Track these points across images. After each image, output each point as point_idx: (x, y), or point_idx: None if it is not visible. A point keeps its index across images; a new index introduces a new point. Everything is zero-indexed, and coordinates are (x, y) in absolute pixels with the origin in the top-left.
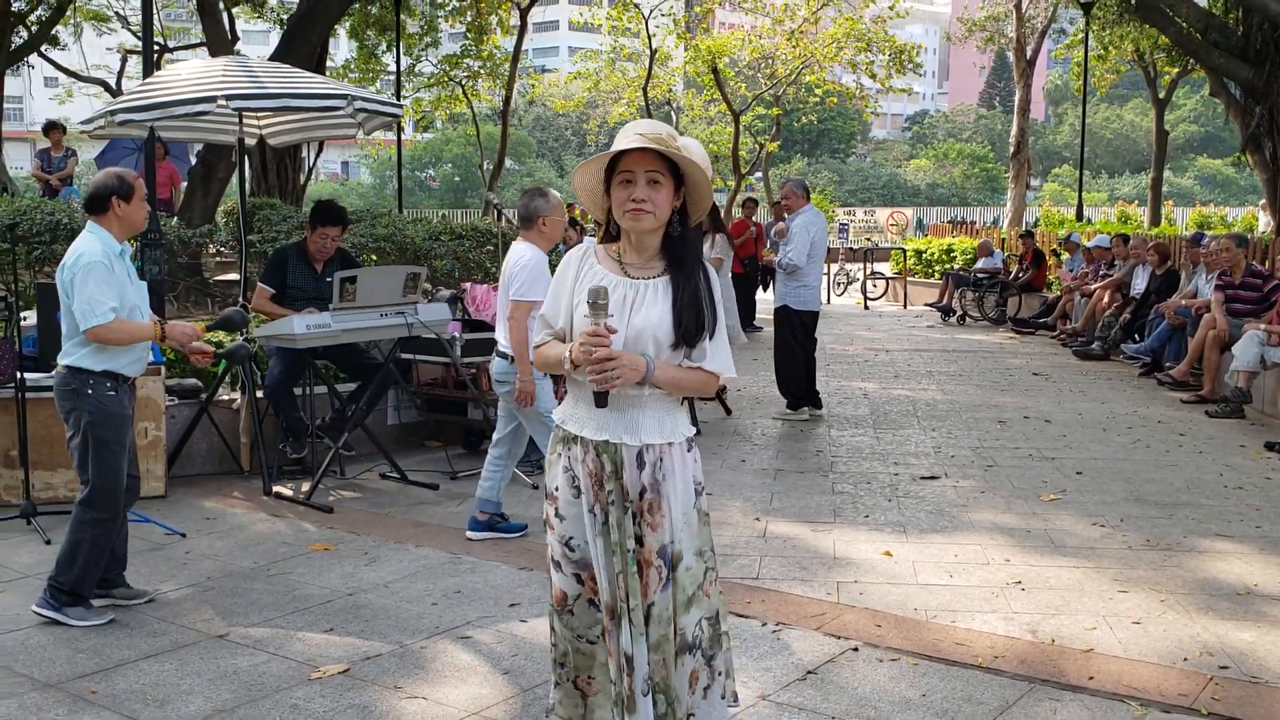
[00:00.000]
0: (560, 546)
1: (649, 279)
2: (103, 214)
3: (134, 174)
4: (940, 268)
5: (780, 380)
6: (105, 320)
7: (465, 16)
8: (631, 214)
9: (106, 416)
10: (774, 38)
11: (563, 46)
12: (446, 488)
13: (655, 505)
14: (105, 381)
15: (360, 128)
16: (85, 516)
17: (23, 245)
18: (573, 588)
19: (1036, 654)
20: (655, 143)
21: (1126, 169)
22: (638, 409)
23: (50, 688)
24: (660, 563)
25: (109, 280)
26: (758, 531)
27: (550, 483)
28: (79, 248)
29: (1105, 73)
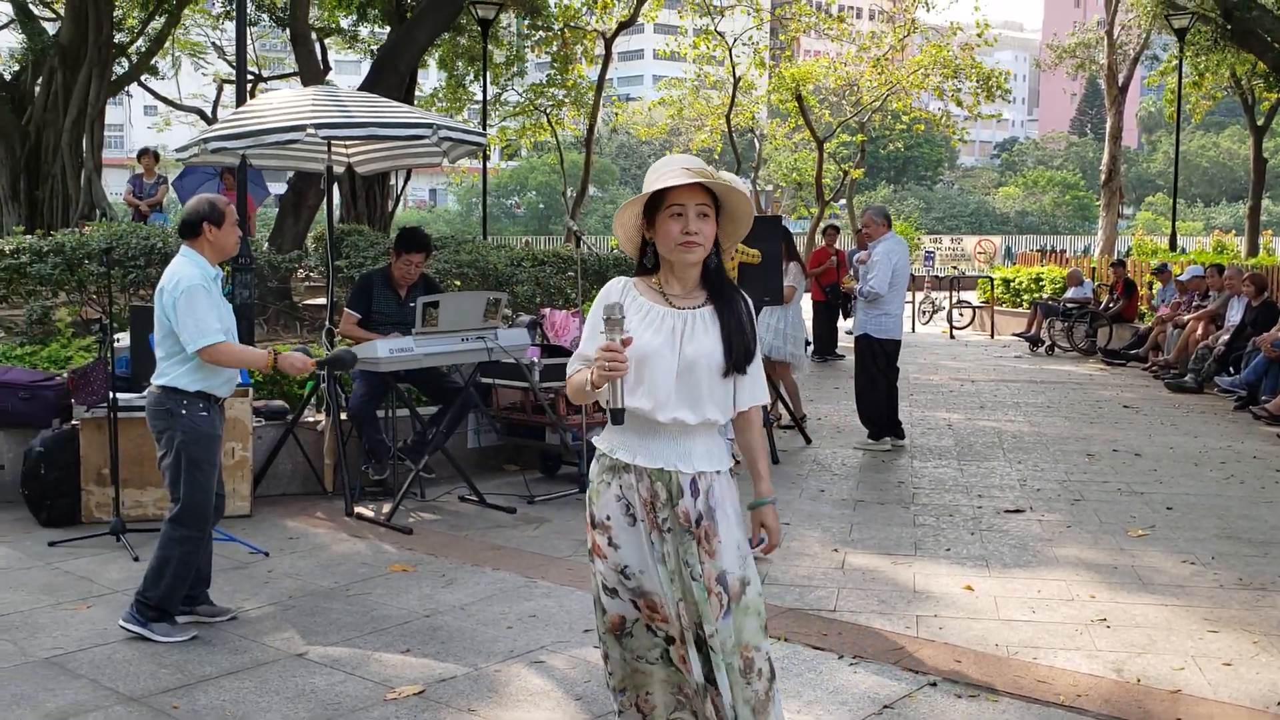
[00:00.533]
0: (615, 574)
1: (694, 309)
2: (195, 238)
3: (225, 200)
4: (1029, 297)
5: (861, 409)
6: (215, 340)
7: (551, 46)
8: (685, 246)
9: (199, 436)
10: (859, 65)
11: (647, 75)
12: (524, 511)
13: (712, 532)
14: (199, 402)
15: (445, 156)
16: (174, 534)
17: (118, 269)
18: (630, 612)
19: (1121, 694)
20: (702, 176)
21: (1223, 197)
22: (688, 438)
23: (134, 701)
24: (720, 589)
25: (211, 303)
26: (836, 563)
27: (600, 511)
28: (176, 272)
29: (1200, 99)
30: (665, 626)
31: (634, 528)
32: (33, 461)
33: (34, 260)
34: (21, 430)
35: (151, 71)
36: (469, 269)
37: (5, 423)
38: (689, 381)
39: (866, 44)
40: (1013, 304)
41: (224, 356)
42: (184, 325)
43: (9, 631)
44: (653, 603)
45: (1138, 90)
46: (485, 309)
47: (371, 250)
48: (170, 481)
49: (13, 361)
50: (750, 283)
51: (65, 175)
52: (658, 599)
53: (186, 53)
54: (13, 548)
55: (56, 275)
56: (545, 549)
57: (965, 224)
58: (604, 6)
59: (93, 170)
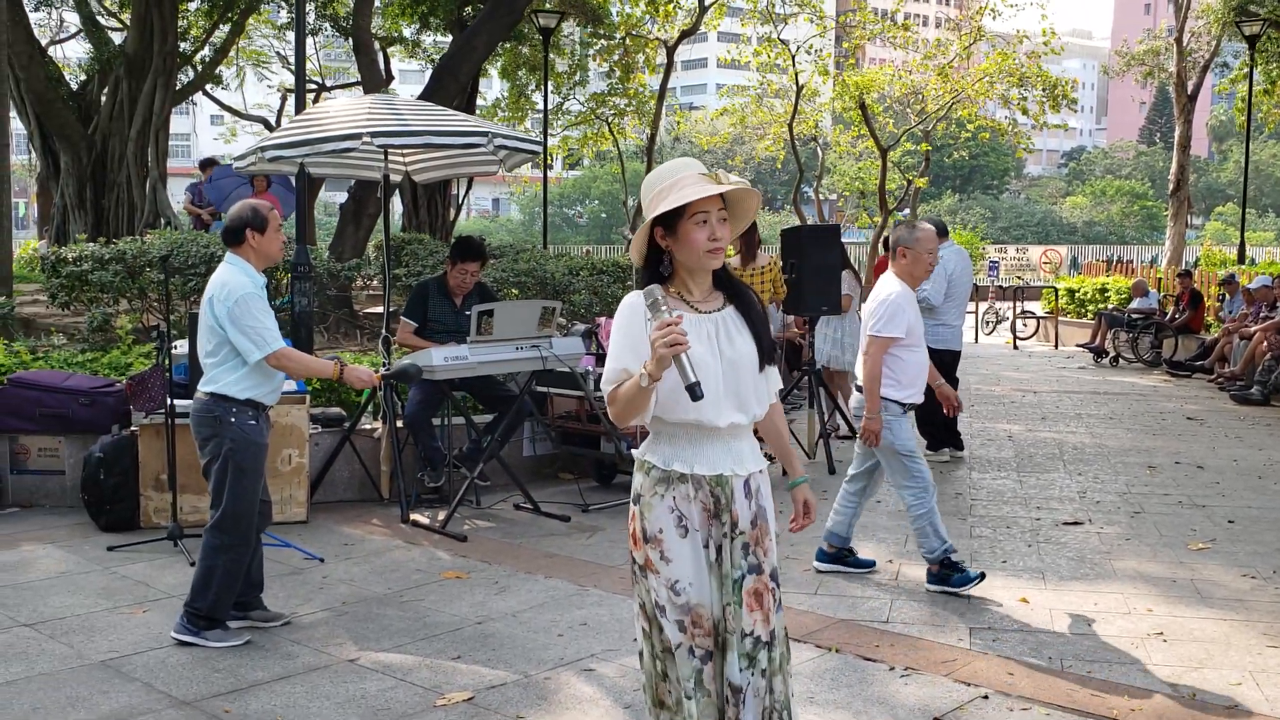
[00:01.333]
0: (666, 590)
1: (717, 311)
2: (239, 245)
3: (268, 205)
4: (1094, 307)
5: (919, 419)
6: (278, 347)
7: (613, 55)
8: (713, 252)
9: (248, 444)
10: (924, 73)
11: (710, 83)
12: (578, 520)
13: (765, 531)
14: (248, 410)
15: (502, 164)
16: (217, 542)
17: (177, 277)
18: (676, 635)
19: (1176, 709)
20: (716, 180)
21: None
22: (739, 440)
23: (186, 705)
24: (774, 585)
25: (266, 310)
26: (890, 574)
27: (652, 526)
28: (226, 280)
29: (1273, 107)
30: (706, 641)
31: (685, 539)
32: (92, 467)
33: (96, 268)
34: (82, 436)
35: (216, 81)
36: (527, 278)
37: (66, 428)
38: (734, 383)
39: (932, 52)
40: (1077, 315)
41: (291, 363)
42: (245, 333)
43: (66, 635)
44: (698, 616)
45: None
46: (540, 318)
47: (431, 259)
48: (214, 489)
49: (74, 368)
50: (809, 293)
51: (130, 184)
52: (704, 611)
53: (251, 62)
54: (72, 552)
55: (118, 283)
56: (598, 557)
57: (1031, 234)
58: (666, 15)
59: (158, 179)
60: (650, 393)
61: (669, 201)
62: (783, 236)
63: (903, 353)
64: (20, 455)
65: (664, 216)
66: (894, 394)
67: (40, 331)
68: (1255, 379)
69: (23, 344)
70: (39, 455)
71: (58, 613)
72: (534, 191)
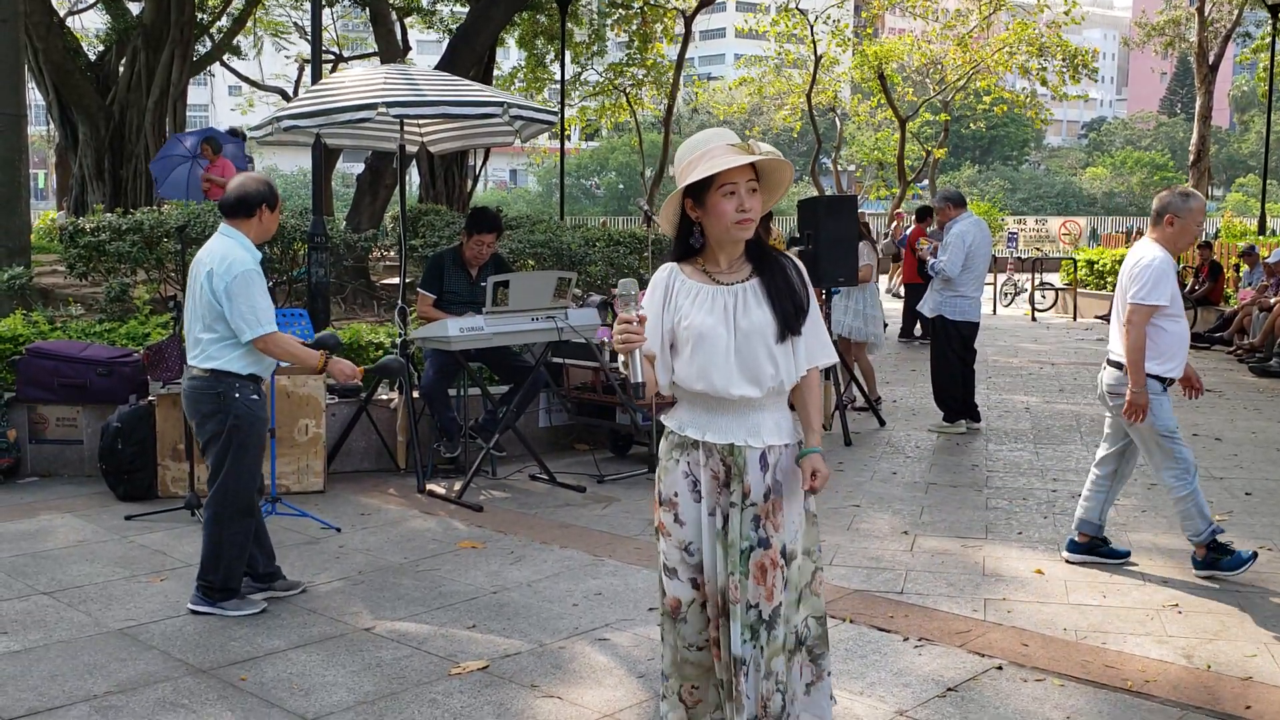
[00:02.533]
0: (678, 552)
1: (741, 283)
2: (246, 219)
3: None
4: (1113, 279)
5: (936, 391)
6: (270, 330)
7: (631, 25)
8: (742, 224)
9: (253, 420)
10: (943, 43)
11: (729, 54)
12: (593, 491)
13: (778, 505)
14: (250, 385)
15: (518, 135)
16: (220, 517)
17: (194, 247)
18: (687, 594)
19: (1190, 680)
20: (746, 150)
21: None
22: (758, 411)
23: (203, 673)
24: (783, 562)
25: (264, 290)
26: (905, 545)
27: (667, 489)
28: (226, 254)
29: None
30: (712, 608)
31: (698, 504)
32: (110, 437)
33: (113, 238)
34: (100, 406)
35: (234, 51)
36: (543, 249)
37: (84, 398)
38: (747, 355)
39: (951, 22)
40: (1096, 286)
41: (277, 348)
42: (240, 312)
43: (84, 603)
44: (709, 579)
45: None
46: (555, 289)
47: (447, 230)
48: (214, 464)
49: (92, 338)
50: (826, 264)
51: (148, 154)
52: (709, 575)
53: (268, 33)
54: (90, 521)
55: (135, 253)
56: (613, 528)
57: (1051, 205)
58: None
59: None
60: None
61: (698, 172)
62: (800, 207)
63: (1165, 323)
64: (38, 425)
65: (693, 187)
66: (1154, 368)
67: (58, 302)
68: (1274, 351)
69: (41, 314)
70: (57, 425)
71: (76, 581)
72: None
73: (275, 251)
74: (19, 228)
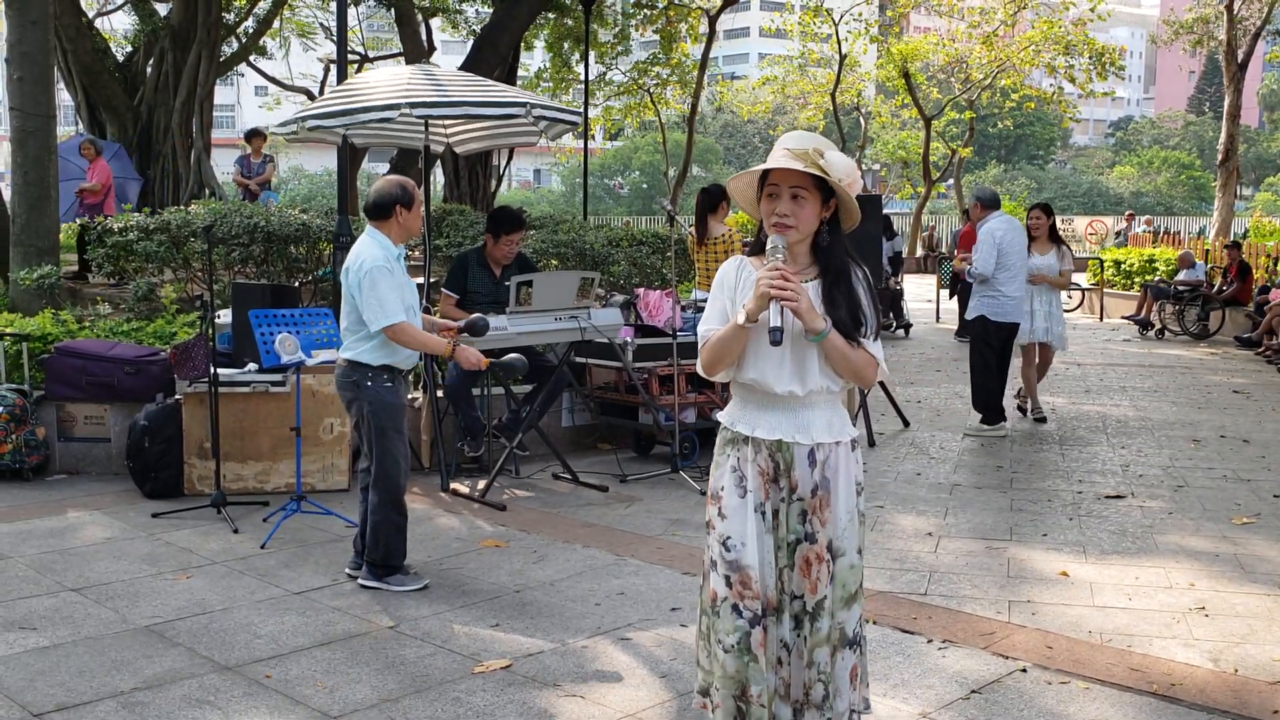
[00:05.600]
0: (719, 546)
1: (805, 281)
2: (384, 220)
3: (414, 183)
4: (1140, 279)
5: (974, 393)
6: (397, 320)
7: (656, 24)
8: (776, 227)
9: (384, 406)
10: (969, 41)
11: (753, 53)
12: (615, 490)
13: (825, 501)
14: (383, 374)
15: (543, 135)
16: (373, 499)
17: (221, 247)
18: (722, 589)
19: (1217, 683)
20: (800, 158)
21: None
22: (808, 409)
23: (228, 670)
24: (829, 557)
25: (393, 283)
26: (929, 547)
27: (715, 483)
28: (360, 253)
29: None
30: (755, 604)
31: (743, 500)
32: (137, 435)
33: (141, 238)
34: (127, 404)
35: (260, 52)
36: (566, 249)
37: (112, 397)
38: (798, 353)
39: (976, 20)
40: (1124, 286)
41: (404, 337)
42: (368, 304)
43: (112, 600)
44: (746, 577)
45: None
46: (579, 288)
47: (471, 230)
48: (365, 448)
49: (119, 337)
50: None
51: (175, 155)
52: (752, 573)
53: (295, 33)
54: (117, 518)
55: (162, 252)
56: (636, 527)
57: (1078, 204)
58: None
59: (202, 150)
60: (743, 336)
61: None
62: None
63: None
64: (67, 423)
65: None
66: None
67: (86, 301)
68: None
69: (69, 313)
70: (85, 423)
71: (103, 578)
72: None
73: (301, 251)
74: (48, 228)
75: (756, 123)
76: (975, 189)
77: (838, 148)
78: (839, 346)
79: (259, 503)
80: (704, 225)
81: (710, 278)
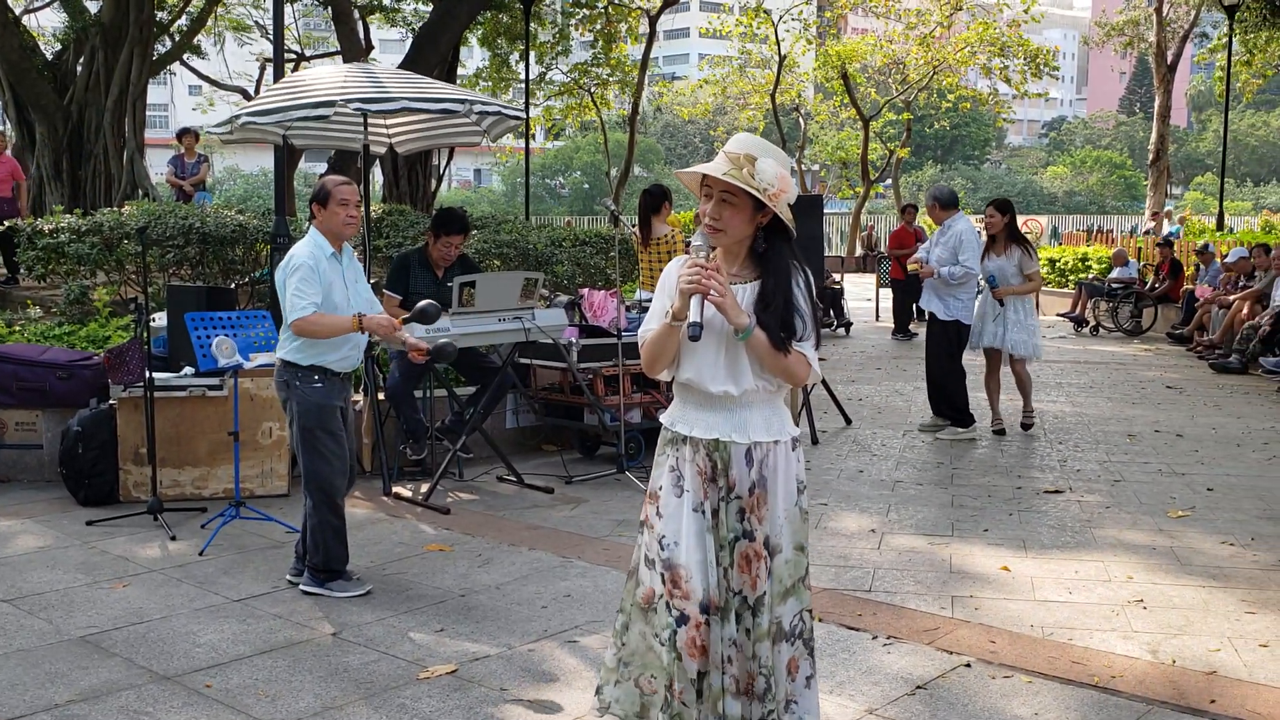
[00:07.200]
0: (655, 544)
1: (741, 284)
2: (315, 218)
3: (337, 180)
4: (1074, 277)
5: (947, 397)
6: (304, 314)
7: (595, 24)
8: (706, 229)
9: (312, 406)
10: (905, 43)
11: (693, 54)
12: (561, 492)
13: (763, 500)
14: (313, 375)
15: (487, 134)
16: (308, 502)
17: (156, 249)
18: (659, 587)
19: (1156, 675)
20: (732, 162)
21: (1273, 176)
22: (745, 408)
23: (168, 680)
24: (766, 553)
25: (311, 279)
26: (873, 544)
27: (654, 483)
28: (292, 251)
29: (1251, 77)
30: (683, 603)
31: (679, 499)
32: (70, 441)
33: (73, 240)
34: (60, 410)
35: (194, 51)
36: (509, 249)
37: (44, 402)
38: (731, 353)
39: (913, 22)
40: (1058, 284)
41: (314, 328)
42: (287, 299)
43: (45, 610)
44: (677, 576)
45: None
46: (522, 289)
47: (411, 230)
48: (296, 450)
49: (51, 341)
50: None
51: (108, 155)
52: (683, 573)
53: (230, 31)
54: (50, 526)
55: (95, 255)
56: (582, 529)
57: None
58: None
59: (135, 150)
60: (674, 335)
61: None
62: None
63: None
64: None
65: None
66: None
67: (16, 304)
68: (1234, 347)
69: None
70: (16, 429)
71: (36, 588)
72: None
73: (238, 252)
74: None
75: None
76: (933, 189)
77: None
78: (765, 345)
79: (197, 509)
80: (648, 227)
81: (653, 277)
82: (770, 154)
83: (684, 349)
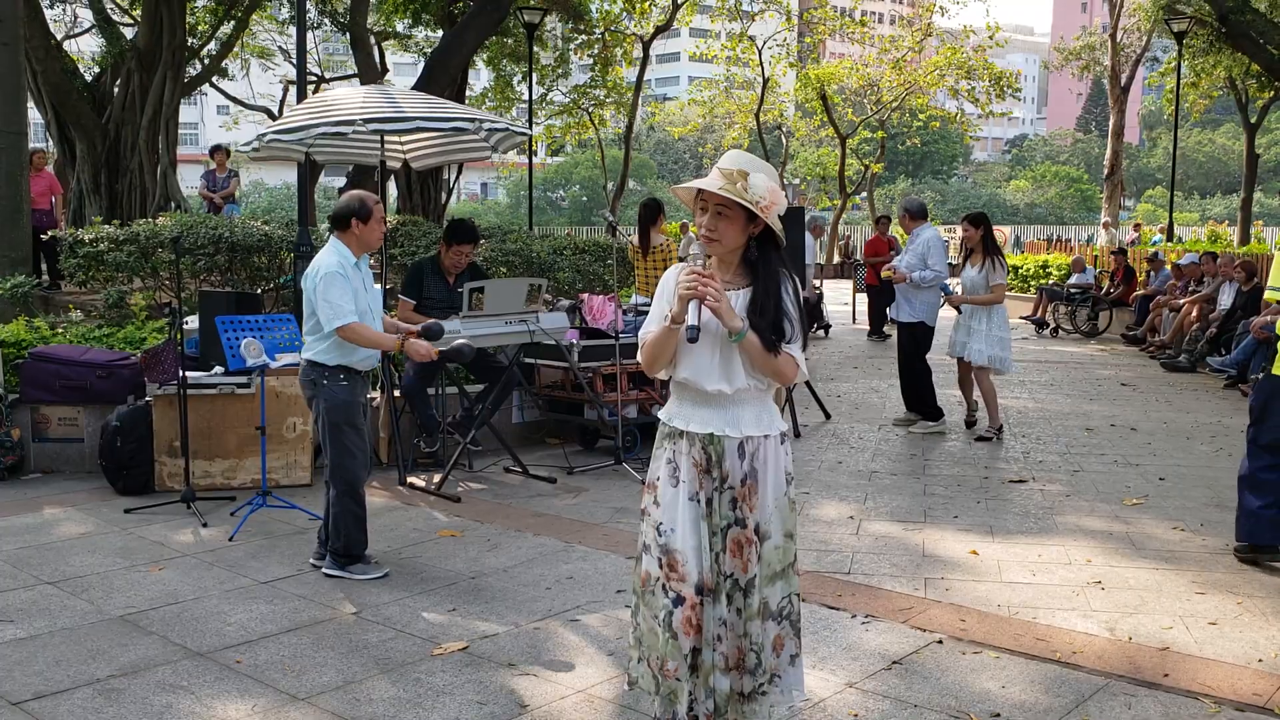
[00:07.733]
0: (652, 531)
1: (734, 290)
2: (344, 231)
3: (374, 198)
4: (1035, 283)
5: (920, 394)
6: (348, 321)
7: (593, 49)
8: (703, 240)
9: (338, 403)
10: (880, 66)
11: (683, 76)
12: (563, 482)
13: (754, 490)
14: (339, 374)
15: (494, 150)
16: (332, 492)
17: (188, 257)
18: (655, 570)
19: (1113, 651)
20: (726, 178)
21: (1218, 190)
22: (737, 405)
23: (200, 656)
24: (756, 539)
25: (345, 288)
26: (852, 529)
27: (652, 474)
28: (319, 260)
29: (1198, 98)
30: (679, 586)
31: (675, 489)
32: (110, 435)
33: (111, 248)
34: (99, 406)
35: (222, 73)
36: (514, 257)
37: (85, 399)
38: (725, 354)
39: (886, 47)
40: (1021, 289)
41: (356, 336)
42: (322, 308)
43: (87, 592)
44: (674, 561)
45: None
46: (527, 294)
47: (424, 239)
48: (323, 444)
49: (91, 342)
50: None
51: (143, 170)
52: (679, 557)
53: (255, 55)
54: (91, 514)
55: (132, 262)
56: (583, 516)
57: None
58: (642, 12)
59: (168, 165)
60: (673, 336)
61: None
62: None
63: None
64: (41, 424)
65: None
66: None
67: (59, 308)
68: (1183, 348)
69: (43, 320)
70: (59, 424)
71: (78, 571)
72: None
73: (263, 260)
74: (21, 239)
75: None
76: (904, 201)
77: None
78: (757, 347)
79: (226, 498)
80: (647, 238)
81: (650, 284)
82: (761, 169)
83: (681, 350)
